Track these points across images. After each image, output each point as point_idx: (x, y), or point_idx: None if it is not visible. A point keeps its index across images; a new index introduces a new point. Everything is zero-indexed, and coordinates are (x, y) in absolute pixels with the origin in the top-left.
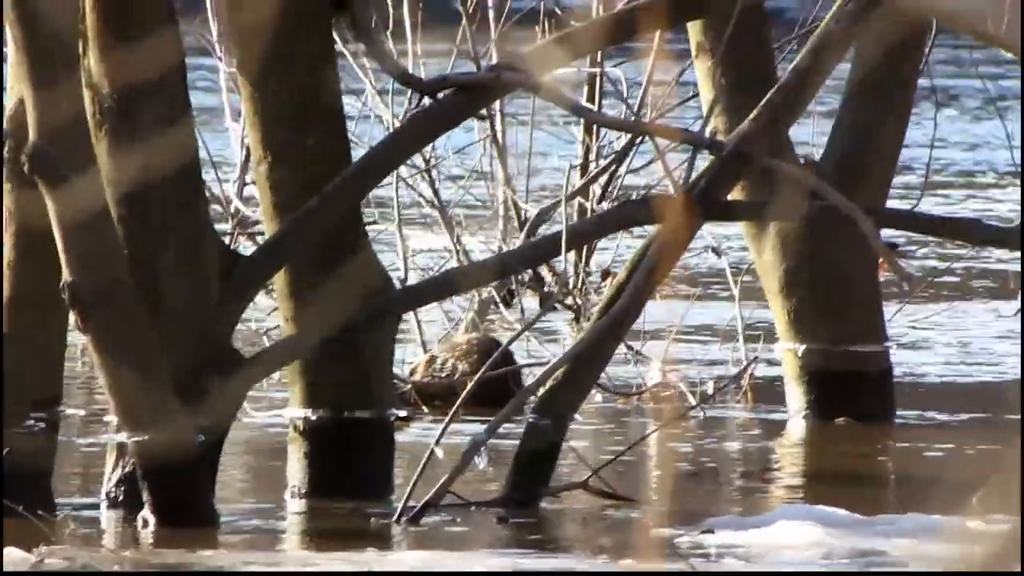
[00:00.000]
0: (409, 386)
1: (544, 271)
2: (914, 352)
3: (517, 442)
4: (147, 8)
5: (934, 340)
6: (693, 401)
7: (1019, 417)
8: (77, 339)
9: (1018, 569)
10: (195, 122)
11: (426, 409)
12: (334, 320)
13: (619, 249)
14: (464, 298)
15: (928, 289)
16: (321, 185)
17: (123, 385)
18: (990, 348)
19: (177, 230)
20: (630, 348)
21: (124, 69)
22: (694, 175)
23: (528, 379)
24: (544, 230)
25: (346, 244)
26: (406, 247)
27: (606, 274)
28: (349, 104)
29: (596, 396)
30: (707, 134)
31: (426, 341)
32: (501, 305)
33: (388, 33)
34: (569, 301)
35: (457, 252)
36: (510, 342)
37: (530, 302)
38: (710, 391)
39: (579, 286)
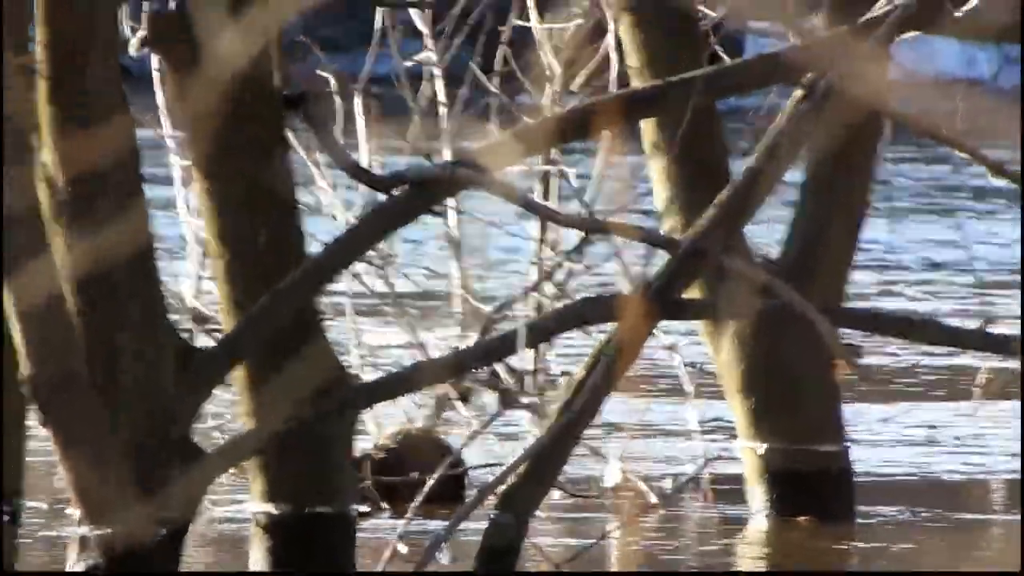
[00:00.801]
0: (368, 482)
1: (501, 369)
2: (874, 450)
3: (479, 537)
4: (102, 97)
5: (894, 437)
6: (654, 499)
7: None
8: (38, 430)
9: None
10: (149, 212)
11: (385, 505)
12: (292, 414)
13: (576, 347)
14: (420, 394)
15: (887, 386)
16: (276, 279)
17: (83, 477)
18: (951, 445)
19: (132, 319)
20: (588, 449)
21: (79, 156)
22: (649, 273)
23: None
24: (503, 326)
25: (302, 338)
26: (360, 342)
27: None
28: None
29: (555, 493)
30: (662, 232)
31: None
32: (458, 402)
33: (340, 128)
34: (527, 400)
35: (411, 347)
36: (467, 442)
37: (489, 398)
38: (670, 489)
39: (536, 384)
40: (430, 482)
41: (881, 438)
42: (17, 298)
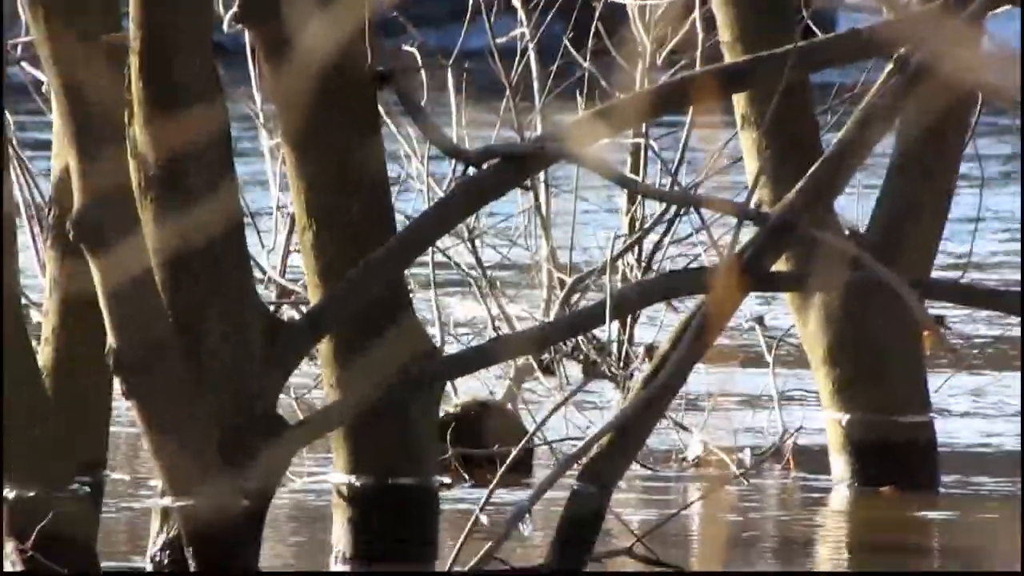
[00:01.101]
0: (448, 453)
1: (585, 342)
2: (959, 421)
3: (561, 508)
4: (193, 77)
5: (979, 409)
6: (735, 470)
7: None
8: (121, 403)
9: None
10: (240, 189)
11: (466, 476)
12: (378, 386)
13: (661, 326)
14: (500, 366)
15: (974, 358)
16: (365, 253)
17: (167, 450)
18: None
19: (220, 296)
20: (670, 420)
21: (170, 138)
22: (739, 246)
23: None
24: (587, 301)
25: (390, 311)
26: (446, 316)
27: (649, 350)
28: (394, 172)
29: (637, 465)
30: (752, 205)
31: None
32: (540, 373)
33: (432, 105)
34: (612, 371)
35: (493, 320)
36: (552, 412)
37: (572, 370)
38: (752, 460)
39: (622, 356)
40: (515, 453)
41: (967, 409)
42: (105, 274)
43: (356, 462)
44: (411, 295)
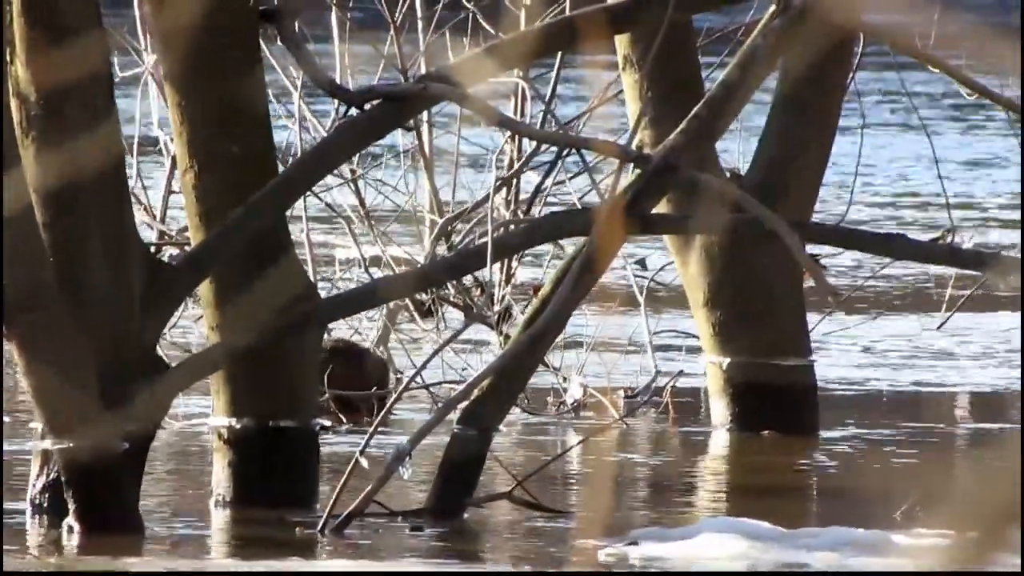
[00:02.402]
0: (326, 396)
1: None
2: (838, 365)
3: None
4: (74, 13)
5: (858, 352)
6: (616, 414)
7: (960, 431)
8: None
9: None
10: (120, 127)
11: (344, 419)
12: (258, 329)
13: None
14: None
15: (852, 301)
16: (247, 194)
17: (48, 390)
18: (914, 361)
19: (101, 235)
20: (548, 366)
21: (51, 74)
22: (621, 188)
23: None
24: (472, 243)
25: (271, 253)
26: (326, 258)
27: (536, 289)
28: (276, 113)
29: (517, 408)
30: (633, 147)
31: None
32: (416, 315)
33: (311, 35)
34: (492, 313)
35: (366, 263)
36: (432, 355)
37: (451, 313)
38: (631, 403)
39: (502, 299)
40: (395, 396)
41: (846, 352)
42: None
43: (236, 405)
44: (290, 238)
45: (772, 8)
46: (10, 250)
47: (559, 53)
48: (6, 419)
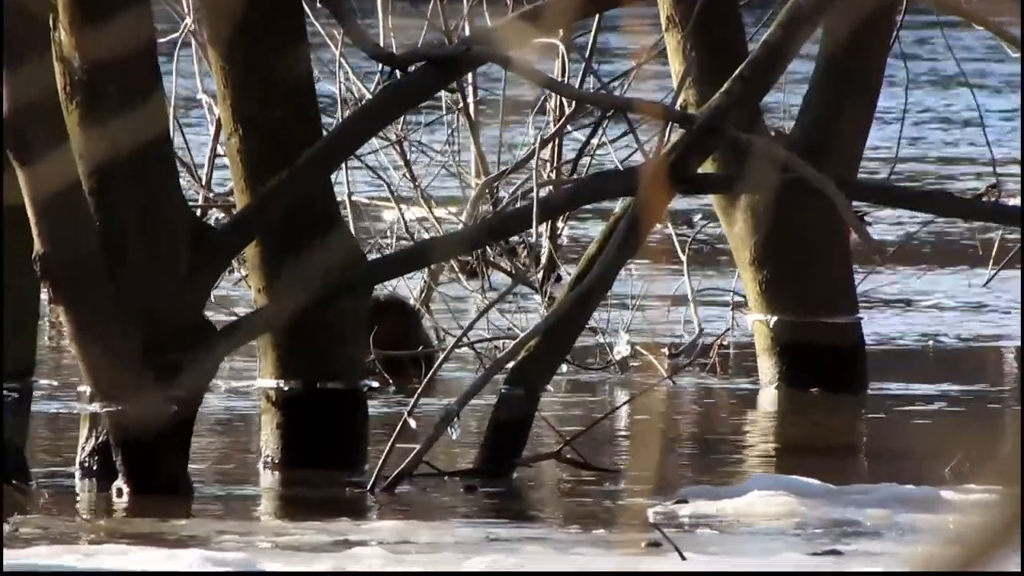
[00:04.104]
0: (372, 357)
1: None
2: (887, 322)
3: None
4: None
5: (905, 308)
6: (664, 372)
7: (1008, 388)
8: (48, 310)
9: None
10: (164, 96)
11: (390, 380)
12: (307, 292)
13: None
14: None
15: (898, 257)
16: (292, 157)
17: (95, 356)
18: (963, 317)
19: (147, 202)
20: (595, 331)
21: (95, 42)
22: (666, 148)
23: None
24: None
25: (319, 216)
26: (373, 221)
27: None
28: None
29: (564, 367)
30: (677, 107)
31: None
32: (462, 276)
33: (358, 8)
34: (538, 275)
35: (405, 226)
36: (480, 316)
37: (497, 275)
38: (681, 362)
39: (549, 261)
40: (444, 355)
41: (893, 308)
42: (32, 181)
43: (283, 367)
44: (336, 201)
45: None
46: (55, 220)
47: (599, 14)
48: (54, 382)
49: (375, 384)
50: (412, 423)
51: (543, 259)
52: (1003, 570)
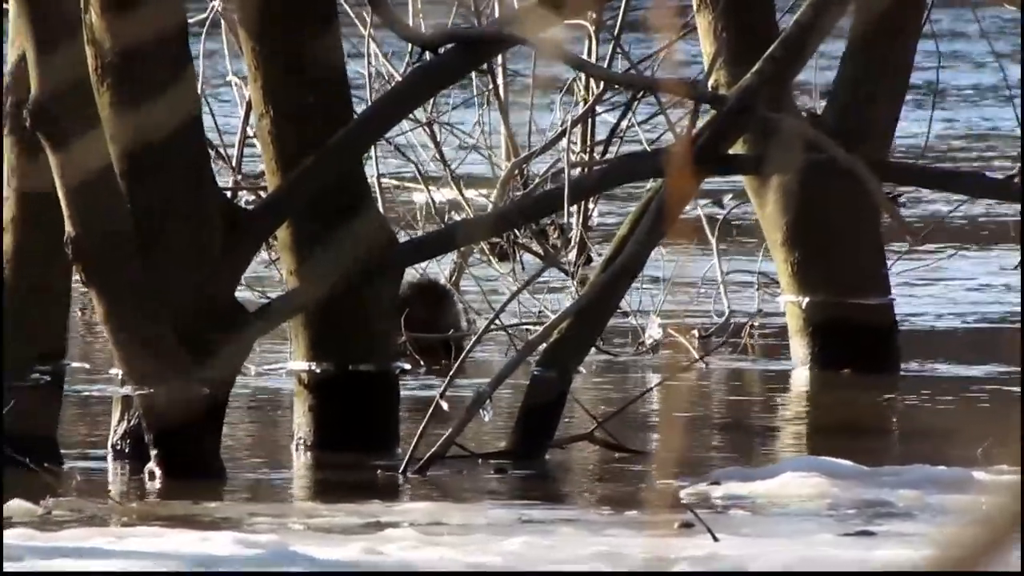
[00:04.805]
0: (403, 339)
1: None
2: (919, 303)
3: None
4: None
5: (937, 289)
6: (696, 354)
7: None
8: (80, 292)
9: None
10: (196, 79)
11: (421, 362)
12: (339, 274)
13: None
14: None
15: (930, 238)
16: (322, 140)
17: (127, 339)
18: (996, 298)
19: (179, 184)
20: (626, 313)
21: (126, 24)
22: (696, 129)
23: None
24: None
25: (350, 198)
26: (404, 204)
27: None
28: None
29: (595, 349)
30: (708, 88)
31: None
32: (493, 258)
33: None
34: (569, 257)
35: (433, 210)
36: (512, 297)
37: (528, 257)
38: (712, 344)
39: (580, 242)
40: (476, 338)
41: (925, 289)
42: (63, 163)
43: (315, 349)
44: (367, 183)
45: None
46: (86, 202)
47: None
48: (86, 365)
49: (407, 366)
50: (444, 405)
51: (574, 241)
52: (1003, 570)
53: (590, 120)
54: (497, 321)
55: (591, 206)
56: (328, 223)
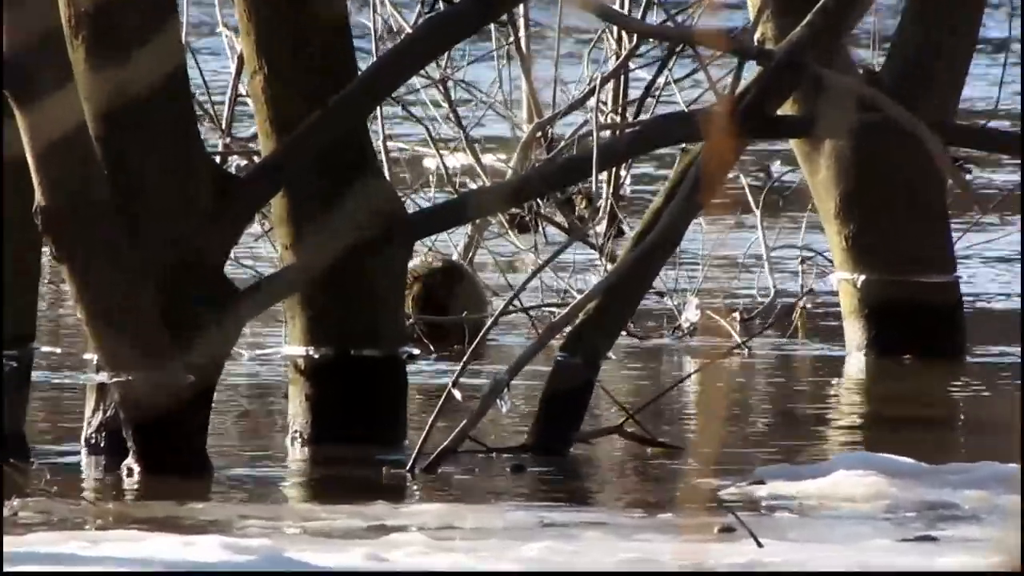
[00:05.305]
0: (411, 321)
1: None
2: (986, 281)
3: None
4: None
5: (1007, 266)
6: (738, 337)
7: None
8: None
9: None
10: (180, 31)
11: (431, 347)
12: (340, 248)
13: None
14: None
15: (1001, 209)
16: (323, 99)
17: (103, 321)
18: None
19: (162, 148)
20: (660, 293)
21: None
22: (740, 88)
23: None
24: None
25: (353, 163)
26: (413, 170)
27: None
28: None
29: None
30: (754, 41)
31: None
32: (513, 231)
33: None
34: (598, 230)
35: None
36: (532, 276)
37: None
38: (756, 326)
39: (609, 214)
40: (492, 320)
41: (994, 267)
42: (33, 124)
43: (313, 332)
44: (372, 147)
45: None
46: (59, 168)
47: None
48: (57, 349)
49: (415, 351)
50: (457, 395)
51: (603, 212)
52: (1003, 570)
53: (622, 77)
54: (516, 301)
55: (622, 173)
56: (328, 191)
